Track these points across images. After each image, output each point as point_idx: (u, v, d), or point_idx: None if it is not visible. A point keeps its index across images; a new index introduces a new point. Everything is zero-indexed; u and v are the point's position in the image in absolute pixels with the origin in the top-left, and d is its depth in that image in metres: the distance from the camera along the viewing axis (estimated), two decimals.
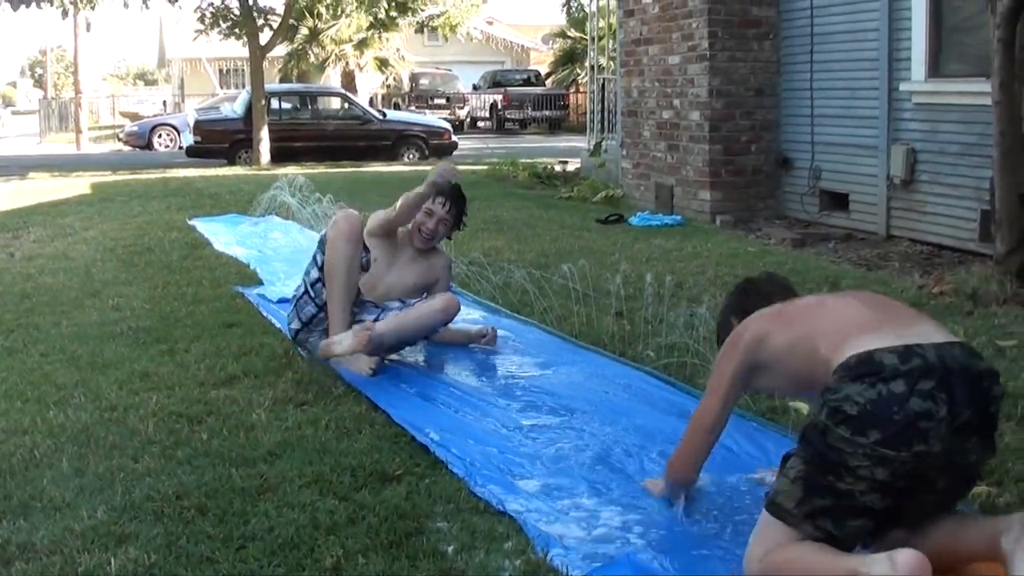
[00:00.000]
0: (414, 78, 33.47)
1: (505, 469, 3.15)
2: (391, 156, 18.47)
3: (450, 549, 2.60)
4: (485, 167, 14.77)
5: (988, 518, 2.44)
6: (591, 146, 12.56)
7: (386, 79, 31.57)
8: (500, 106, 32.13)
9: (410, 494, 2.93)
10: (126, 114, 36.94)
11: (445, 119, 23.66)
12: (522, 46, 43.67)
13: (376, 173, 15.12)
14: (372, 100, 29.03)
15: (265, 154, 17.40)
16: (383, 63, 29.21)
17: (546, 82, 34.59)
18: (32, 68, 75.82)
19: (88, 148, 27.54)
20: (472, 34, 23.93)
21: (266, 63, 19.16)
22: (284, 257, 7.10)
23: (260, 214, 9.14)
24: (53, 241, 8.10)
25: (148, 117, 31.03)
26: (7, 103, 65.27)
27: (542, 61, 40.16)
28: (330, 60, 27.86)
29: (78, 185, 13.66)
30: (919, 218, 7.51)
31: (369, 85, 31.00)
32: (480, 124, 33.25)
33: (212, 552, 2.58)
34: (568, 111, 32.29)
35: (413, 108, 30.02)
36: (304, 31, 26.62)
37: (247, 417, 3.62)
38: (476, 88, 34.81)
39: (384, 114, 20.48)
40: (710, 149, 8.97)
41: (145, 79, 73.48)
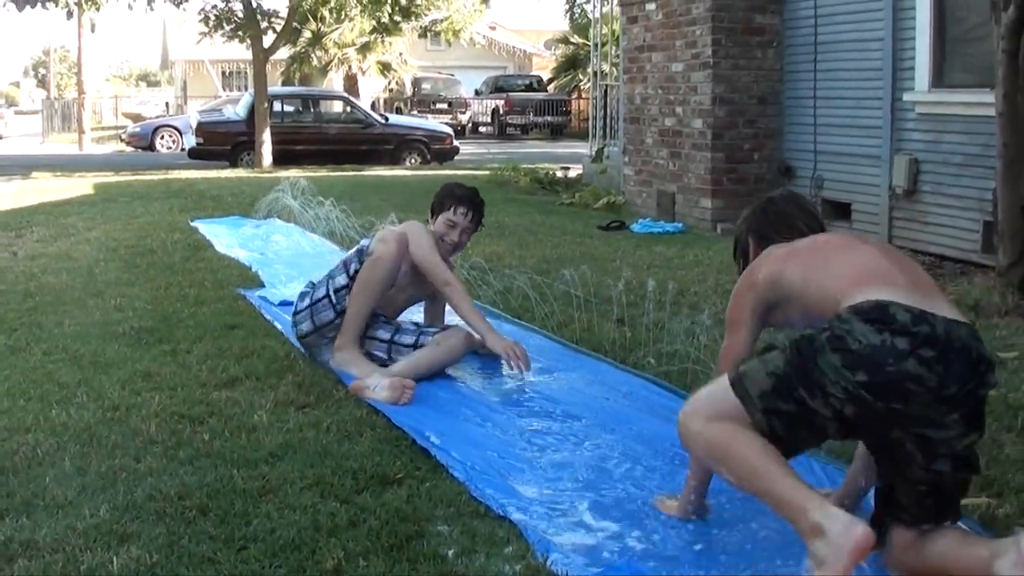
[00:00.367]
0: (416, 83, 33.52)
1: (506, 474, 3.16)
2: (393, 160, 18.49)
3: (450, 553, 2.60)
4: (487, 172, 14.80)
5: (984, 539, 2.43)
6: (593, 152, 12.58)
7: (388, 83, 31.59)
8: (502, 111, 32.13)
9: (411, 497, 2.94)
10: (129, 115, 36.98)
11: (447, 124, 23.70)
12: (525, 51, 43.75)
13: (378, 177, 15.14)
14: (374, 104, 29.06)
15: (267, 157, 17.43)
16: (386, 67, 29.24)
17: (548, 88, 34.62)
18: (36, 68, 75.96)
19: (91, 149, 27.56)
20: (475, 39, 24.00)
21: (269, 66, 19.18)
22: (286, 260, 7.11)
23: (262, 217, 9.15)
24: (56, 241, 8.11)
25: (151, 118, 31.09)
26: (10, 103, 65.26)
27: (544, 67, 40.19)
28: (333, 64, 27.88)
29: (81, 185, 13.68)
30: (921, 229, 7.52)
31: (371, 89, 31.04)
32: (482, 129, 33.25)
33: (213, 553, 2.58)
34: (570, 117, 32.29)
35: (415, 112, 30.08)
36: (307, 34, 26.64)
37: (249, 419, 3.63)
38: (478, 93, 34.82)
39: (386, 118, 20.52)
40: (712, 157, 8.98)
41: (148, 80, 73.60)
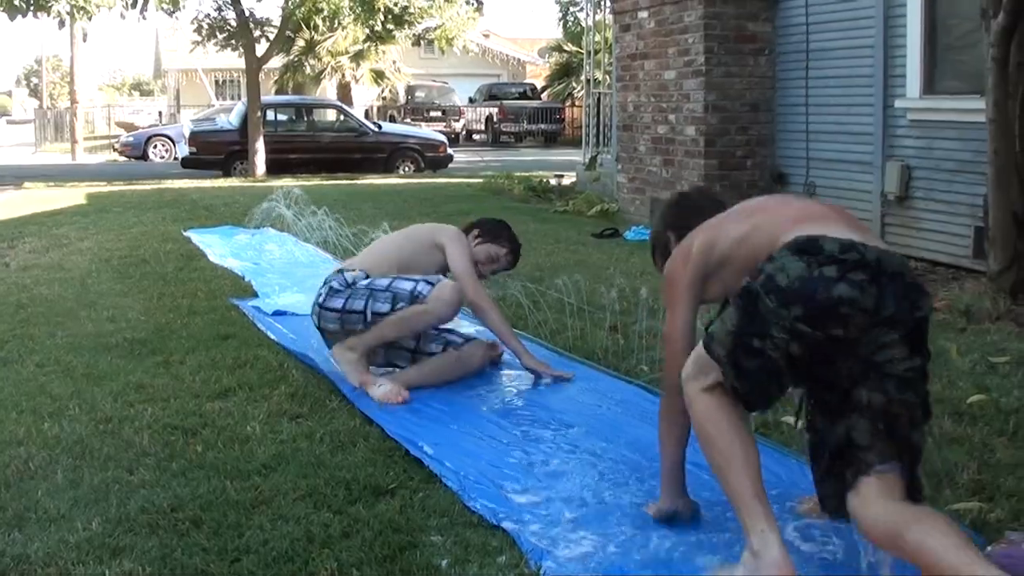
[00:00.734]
0: (410, 91, 33.53)
1: (499, 483, 3.16)
2: (387, 168, 18.49)
3: (444, 563, 2.61)
4: (480, 180, 14.80)
5: (976, 556, 2.37)
6: (586, 160, 12.59)
7: (382, 91, 31.60)
8: (496, 119, 32.17)
9: (404, 508, 2.94)
10: (122, 124, 36.97)
11: (441, 132, 23.71)
12: (518, 59, 43.80)
13: (371, 186, 15.14)
14: (368, 112, 29.08)
15: (260, 166, 17.42)
16: (379, 75, 29.23)
17: (542, 96, 34.69)
18: (28, 78, 75.95)
19: (83, 158, 27.50)
20: (468, 47, 23.87)
21: (262, 75, 19.19)
22: (279, 269, 7.11)
23: (255, 226, 9.14)
24: (48, 251, 8.10)
25: (144, 128, 31.05)
26: (2, 113, 65.18)
27: (538, 75, 40.30)
28: (326, 72, 27.86)
29: (73, 195, 13.66)
30: (913, 234, 7.53)
31: (365, 97, 31.04)
32: (476, 137, 33.29)
33: (207, 565, 2.58)
34: (564, 125, 32.32)
35: (409, 121, 30.07)
36: (300, 43, 26.61)
37: (242, 430, 3.63)
38: (472, 101, 34.86)
39: (380, 126, 20.51)
40: (705, 164, 8.99)
41: (141, 89, 73.49)
